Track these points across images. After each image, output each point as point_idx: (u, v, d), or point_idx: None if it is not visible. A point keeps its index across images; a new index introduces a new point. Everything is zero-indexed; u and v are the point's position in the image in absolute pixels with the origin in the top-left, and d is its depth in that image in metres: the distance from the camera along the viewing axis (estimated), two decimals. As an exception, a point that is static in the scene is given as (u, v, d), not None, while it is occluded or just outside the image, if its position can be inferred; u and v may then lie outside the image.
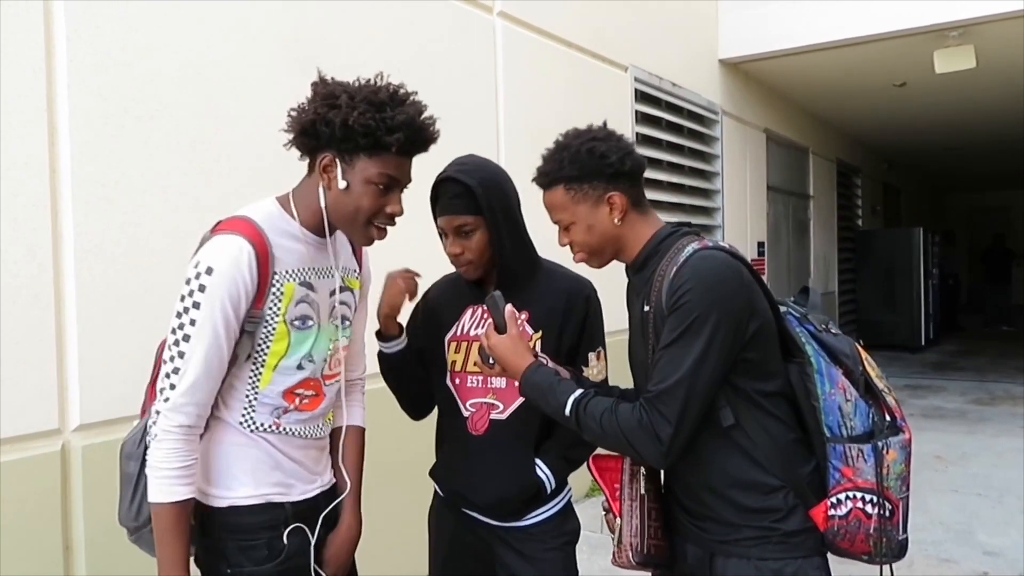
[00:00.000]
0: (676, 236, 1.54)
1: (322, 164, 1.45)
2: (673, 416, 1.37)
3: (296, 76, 2.85)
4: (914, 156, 13.00)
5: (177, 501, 1.39)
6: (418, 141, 1.46)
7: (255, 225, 1.44)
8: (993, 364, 9.65)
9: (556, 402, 1.51)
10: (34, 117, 2.13)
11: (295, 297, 1.48)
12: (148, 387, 1.59)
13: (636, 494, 1.55)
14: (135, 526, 1.53)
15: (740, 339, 1.40)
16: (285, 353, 1.48)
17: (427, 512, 2.01)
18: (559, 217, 1.58)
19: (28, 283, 2.11)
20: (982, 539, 3.94)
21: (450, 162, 1.82)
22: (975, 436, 6.07)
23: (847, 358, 1.47)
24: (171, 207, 2.45)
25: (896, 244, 10.84)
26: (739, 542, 1.46)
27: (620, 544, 1.55)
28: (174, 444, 1.39)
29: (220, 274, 1.38)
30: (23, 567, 2.08)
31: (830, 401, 1.41)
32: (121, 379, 2.30)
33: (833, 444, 1.40)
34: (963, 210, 18.77)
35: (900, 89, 7.88)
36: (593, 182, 1.53)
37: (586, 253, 1.58)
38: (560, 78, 4.36)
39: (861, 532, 1.39)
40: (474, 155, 1.87)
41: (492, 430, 1.81)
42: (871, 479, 1.39)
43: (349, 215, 1.47)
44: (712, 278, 1.40)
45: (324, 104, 1.42)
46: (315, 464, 1.59)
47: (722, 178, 6.47)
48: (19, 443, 2.09)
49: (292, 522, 1.51)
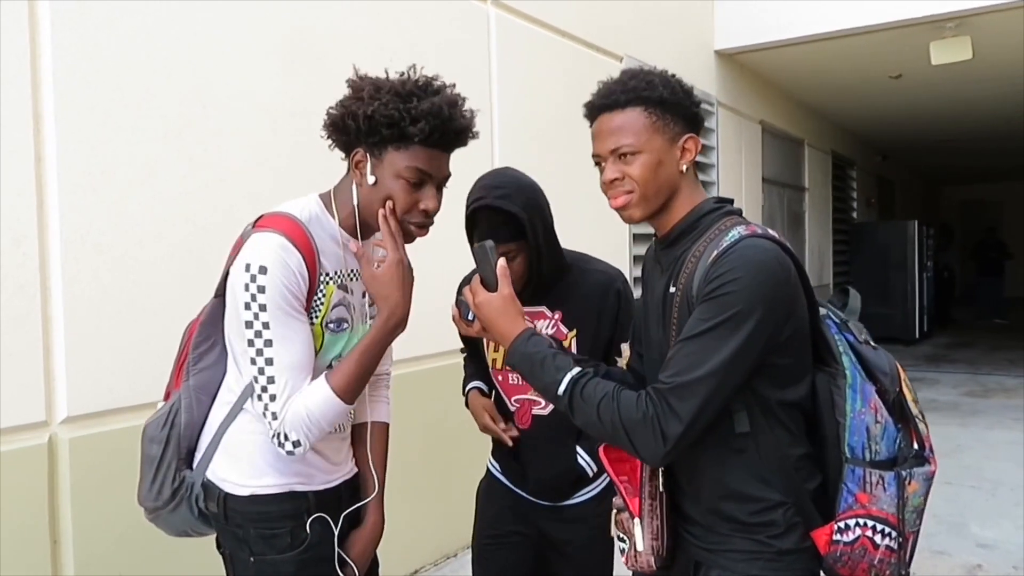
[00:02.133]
0: (719, 214, 1.37)
1: (354, 160, 1.43)
2: (687, 414, 1.23)
3: (285, 64, 2.83)
4: (909, 149, 13.00)
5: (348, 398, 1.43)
6: (447, 132, 1.40)
7: (299, 224, 1.40)
8: (986, 357, 9.67)
9: (549, 378, 1.34)
10: (19, 104, 2.09)
11: (334, 300, 1.46)
12: (174, 371, 1.57)
13: (656, 492, 1.40)
14: (154, 506, 1.52)
15: (773, 343, 1.27)
16: (316, 355, 1.45)
17: (469, 483, 2.10)
18: (624, 143, 1.34)
19: (13, 273, 2.08)
20: (975, 531, 3.94)
21: (479, 183, 1.79)
22: (968, 428, 6.07)
23: (884, 376, 1.33)
24: (159, 196, 2.41)
25: (891, 237, 10.84)
26: (726, 554, 1.35)
27: (637, 547, 1.40)
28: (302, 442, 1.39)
29: (273, 270, 1.34)
30: (10, 560, 2.05)
31: (859, 420, 1.28)
32: (109, 371, 2.27)
33: (852, 466, 1.27)
34: (956, 203, 18.81)
35: (896, 81, 7.86)
36: (676, 116, 1.37)
37: (639, 195, 1.36)
38: (554, 68, 4.32)
39: (864, 561, 1.27)
40: (504, 172, 1.84)
41: (536, 424, 1.89)
42: (887, 509, 1.27)
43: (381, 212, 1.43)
44: (763, 272, 1.25)
45: (351, 98, 1.41)
46: (336, 455, 1.57)
47: (717, 170, 6.45)
48: (5, 435, 2.06)
49: (315, 511, 1.49)
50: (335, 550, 1.52)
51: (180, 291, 2.42)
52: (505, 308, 1.42)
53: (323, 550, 1.50)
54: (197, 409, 1.51)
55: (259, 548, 1.46)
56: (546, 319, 1.88)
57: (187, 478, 1.50)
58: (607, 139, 1.37)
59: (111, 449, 2.26)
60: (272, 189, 2.69)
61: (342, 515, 1.54)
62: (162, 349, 2.39)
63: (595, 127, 1.42)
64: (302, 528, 1.47)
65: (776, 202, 8.08)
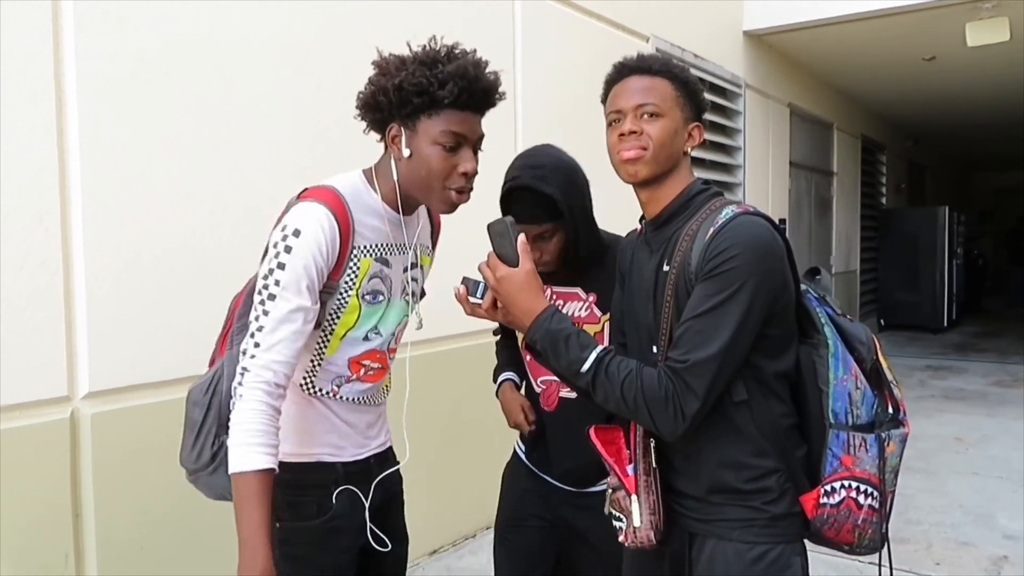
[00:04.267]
0: (708, 195, 1.45)
1: (390, 136, 1.45)
2: (702, 390, 1.29)
3: (310, 39, 2.81)
4: (941, 133, 12.76)
5: (258, 470, 1.32)
6: (476, 92, 1.41)
7: (340, 196, 1.44)
8: (1015, 346, 9.50)
9: (574, 355, 1.35)
10: (41, 80, 2.09)
11: (370, 272, 1.48)
12: (219, 340, 1.61)
13: (650, 468, 1.45)
14: (194, 468, 1.55)
15: (770, 314, 1.34)
16: (354, 325, 1.49)
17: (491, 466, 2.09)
18: (653, 102, 1.40)
19: (36, 248, 2.08)
20: (1002, 522, 3.87)
21: (517, 161, 1.78)
22: (996, 418, 5.98)
23: (862, 345, 1.41)
24: (181, 170, 2.41)
25: (920, 223, 10.68)
26: (720, 523, 1.40)
27: (635, 524, 1.44)
28: (257, 403, 1.35)
29: (305, 238, 1.37)
30: (33, 533, 2.08)
31: (841, 387, 1.35)
32: (131, 347, 2.28)
33: (836, 431, 1.34)
34: (988, 190, 18.45)
35: (930, 63, 7.69)
36: (692, 102, 1.45)
37: (651, 153, 1.39)
38: (579, 49, 4.26)
39: (849, 522, 1.35)
40: (544, 150, 1.82)
41: (562, 407, 1.86)
42: (869, 469, 1.34)
43: (421, 181, 1.44)
44: (760, 247, 1.32)
45: (378, 75, 1.43)
46: (368, 428, 1.60)
47: (744, 153, 6.36)
48: (28, 410, 2.08)
49: (343, 483, 1.52)
50: (365, 523, 1.54)
51: (203, 267, 2.42)
52: (528, 284, 1.40)
53: (347, 521, 1.53)
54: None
55: (286, 515, 1.49)
56: (580, 301, 1.86)
57: (226, 443, 1.51)
58: (635, 95, 1.42)
59: (133, 425, 2.28)
60: (296, 165, 2.68)
61: (372, 482, 1.57)
62: (184, 325, 2.41)
63: (621, 85, 1.45)
64: (328, 498, 1.51)
65: (803, 187, 7.97)
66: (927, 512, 4.01)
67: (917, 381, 7.48)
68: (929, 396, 6.83)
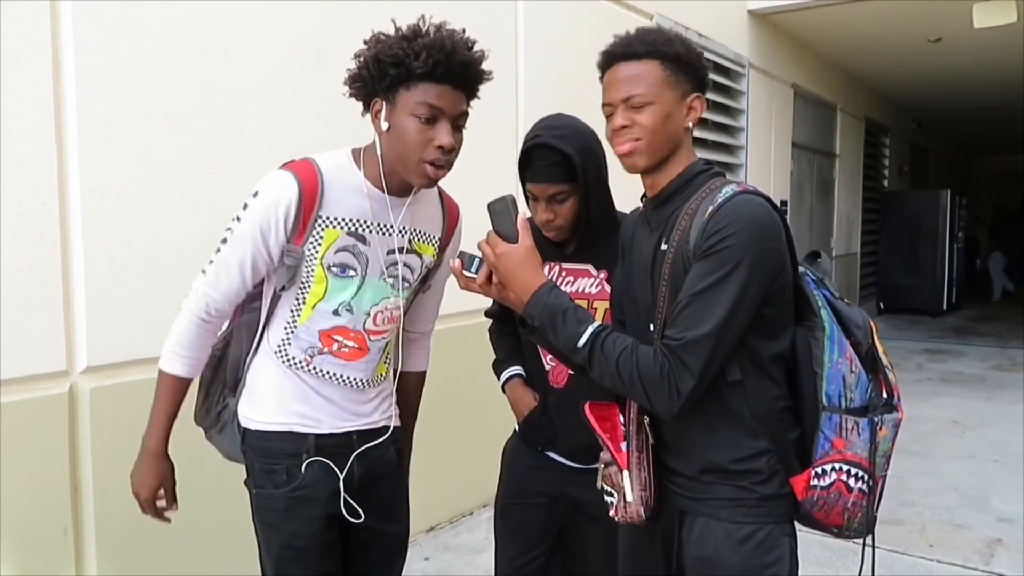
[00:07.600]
0: (708, 175, 1.44)
1: (374, 111, 1.47)
2: (698, 369, 1.29)
3: (310, 16, 2.78)
4: (945, 116, 12.67)
5: (171, 373, 1.56)
6: (453, 65, 1.41)
7: (314, 167, 1.49)
8: (1015, 330, 9.51)
9: (571, 330, 1.36)
10: (38, 52, 2.07)
11: (336, 244, 1.50)
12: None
13: (644, 444, 1.46)
14: (205, 425, 1.70)
15: (767, 294, 1.33)
16: (323, 296, 1.53)
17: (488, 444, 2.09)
18: (639, 92, 1.38)
19: (33, 222, 2.08)
20: (997, 505, 3.90)
21: (538, 123, 1.80)
22: (994, 402, 6.00)
23: (858, 329, 1.41)
24: (181, 147, 2.40)
25: (922, 206, 10.62)
26: (710, 502, 1.41)
27: (626, 499, 1.46)
28: (193, 318, 1.54)
29: (261, 200, 1.47)
30: (32, 506, 2.09)
31: (836, 369, 1.35)
32: (130, 322, 2.28)
33: (829, 414, 1.34)
34: (991, 173, 18.37)
35: (935, 44, 7.63)
36: (688, 75, 1.41)
37: (646, 143, 1.39)
38: (583, 27, 4.22)
39: (839, 504, 1.36)
40: (562, 116, 1.83)
41: (571, 384, 1.86)
42: (860, 453, 1.35)
43: (399, 155, 1.45)
44: (758, 226, 1.31)
45: (363, 50, 1.46)
46: (355, 406, 1.61)
47: (746, 133, 6.32)
48: (26, 384, 2.08)
49: (314, 454, 1.55)
50: (339, 494, 1.57)
51: (201, 243, 2.41)
52: (527, 259, 1.42)
53: (315, 490, 1.55)
54: (246, 343, 1.62)
55: (261, 481, 1.57)
56: (591, 277, 1.86)
57: (230, 404, 1.65)
58: (621, 87, 1.41)
59: (131, 399, 2.26)
60: (296, 140, 2.65)
61: (350, 459, 1.59)
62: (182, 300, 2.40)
63: (609, 75, 1.44)
64: (298, 468, 1.55)
65: (806, 168, 7.93)
66: (922, 494, 4.03)
67: (915, 364, 7.49)
68: (927, 379, 6.85)
